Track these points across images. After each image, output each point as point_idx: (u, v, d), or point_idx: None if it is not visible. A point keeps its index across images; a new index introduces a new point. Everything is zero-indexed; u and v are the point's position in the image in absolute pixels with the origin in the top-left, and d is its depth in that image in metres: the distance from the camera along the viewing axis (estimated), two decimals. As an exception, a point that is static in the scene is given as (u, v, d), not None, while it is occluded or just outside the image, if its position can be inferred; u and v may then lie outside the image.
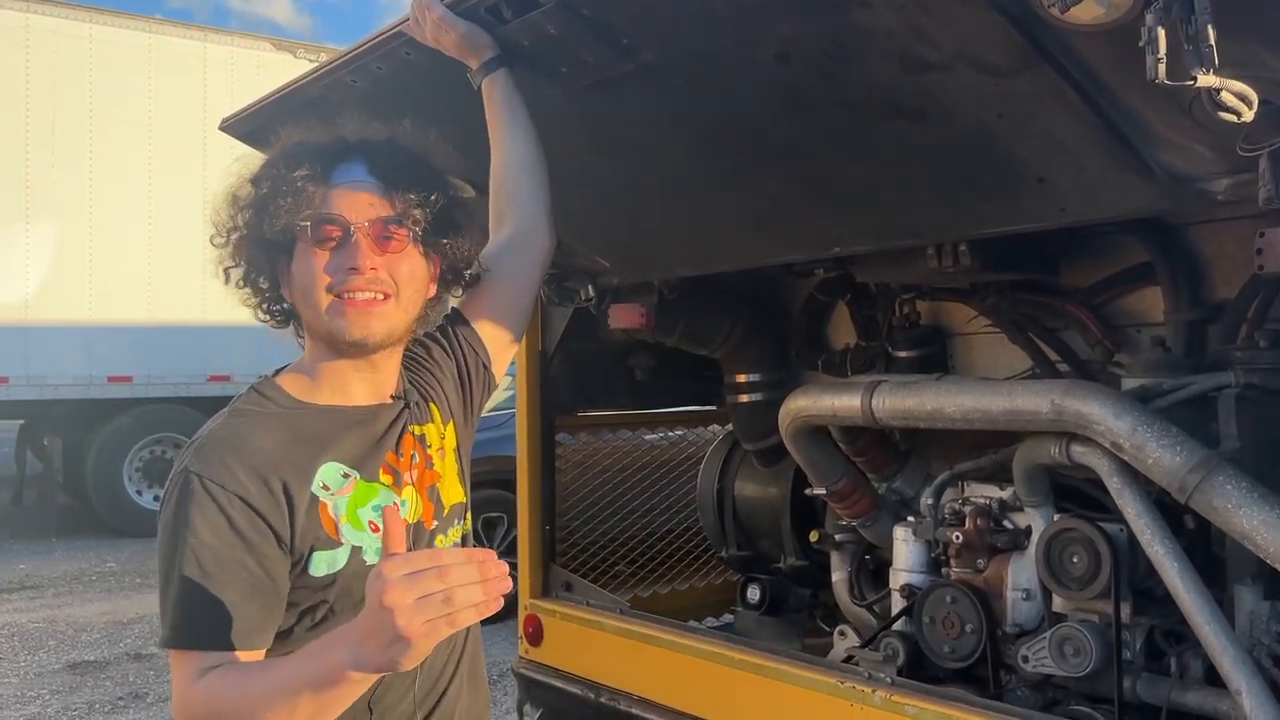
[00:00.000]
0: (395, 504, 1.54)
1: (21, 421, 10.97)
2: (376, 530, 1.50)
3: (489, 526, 6.67)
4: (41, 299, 9.63)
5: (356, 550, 1.48)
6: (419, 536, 1.58)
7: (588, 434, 3.73)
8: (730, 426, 3.63)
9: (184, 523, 1.38)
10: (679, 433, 4.13)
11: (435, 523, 1.61)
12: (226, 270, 1.58)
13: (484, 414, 6.54)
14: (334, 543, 1.47)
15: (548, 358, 3.39)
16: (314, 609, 1.47)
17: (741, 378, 3.39)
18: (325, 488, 1.48)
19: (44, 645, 6.51)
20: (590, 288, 3.01)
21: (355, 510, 1.50)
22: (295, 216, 1.49)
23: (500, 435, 6.60)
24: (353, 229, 1.49)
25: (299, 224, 1.49)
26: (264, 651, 1.42)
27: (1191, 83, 1.25)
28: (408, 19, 2.03)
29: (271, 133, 1.65)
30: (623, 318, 3.10)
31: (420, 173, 1.58)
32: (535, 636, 3.27)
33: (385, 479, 1.55)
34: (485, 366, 1.81)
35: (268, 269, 1.56)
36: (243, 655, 1.38)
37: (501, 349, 1.84)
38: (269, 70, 10.03)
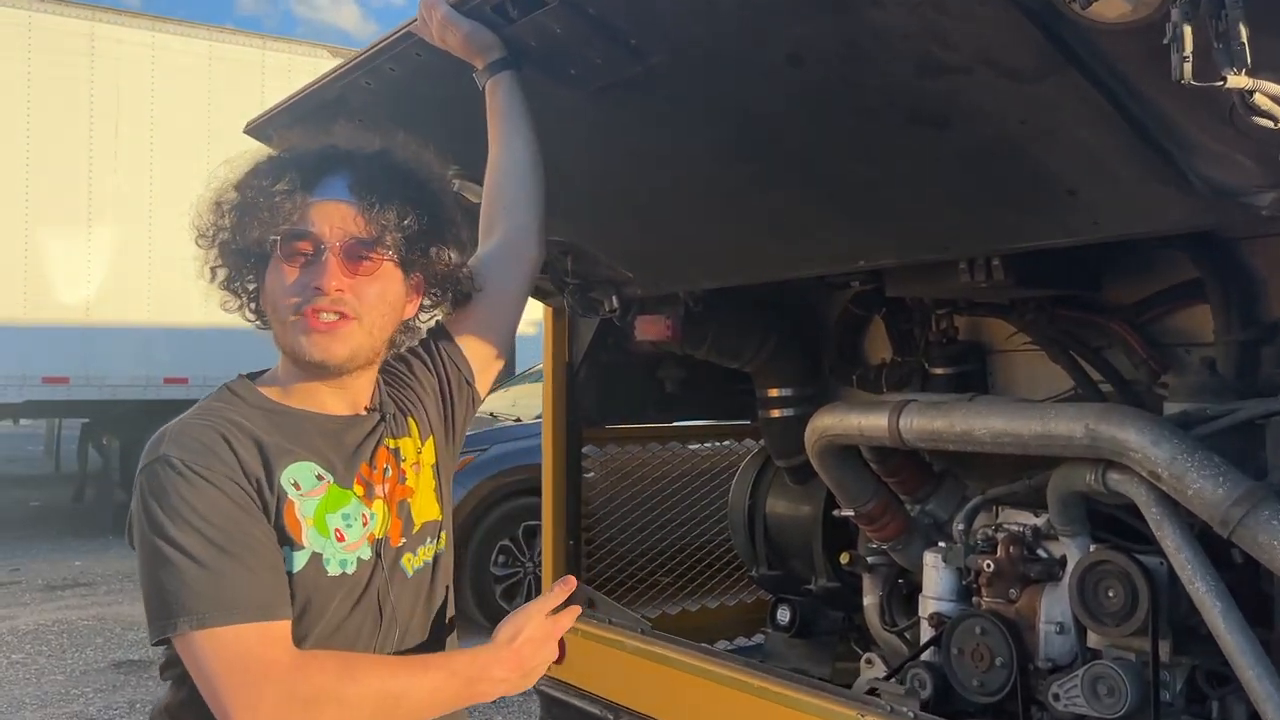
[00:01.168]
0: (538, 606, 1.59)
1: (85, 420, 11.22)
2: (342, 539, 1.46)
3: (530, 535, 6.63)
4: (102, 301, 9.84)
5: (316, 556, 1.44)
6: (384, 552, 1.52)
7: (616, 446, 3.66)
8: (763, 442, 3.53)
9: (182, 506, 1.34)
10: (711, 444, 4.04)
11: (403, 539, 1.56)
12: (213, 270, 1.55)
13: (528, 422, 6.49)
14: (296, 544, 1.42)
15: (574, 369, 3.32)
16: None
17: (774, 392, 3.29)
18: (295, 485, 1.44)
19: (91, 643, 6.61)
20: (614, 298, 2.93)
21: (324, 515, 1.45)
22: (269, 230, 1.45)
23: (538, 444, 6.60)
24: (324, 247, 1.45)
25: (271, 238, 1.45)
26: (289, 622, 1.38)
27: (1221, 84, 1.14)
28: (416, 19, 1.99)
29: (298, 136, 1.63)
30: (648, 330, 3.02)
31: (407, 190, 1.52)
32: (558, 654, 3.20)
33: (358, 489, 1.51)
34: (468, 383, 1.75)
35: (252, 273, 1.54)
36: (283, 625, 1.36)
37: (485, 365, 1.78)
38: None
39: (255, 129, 2.75)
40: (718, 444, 4.02)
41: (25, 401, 9.78)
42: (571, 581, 1.52)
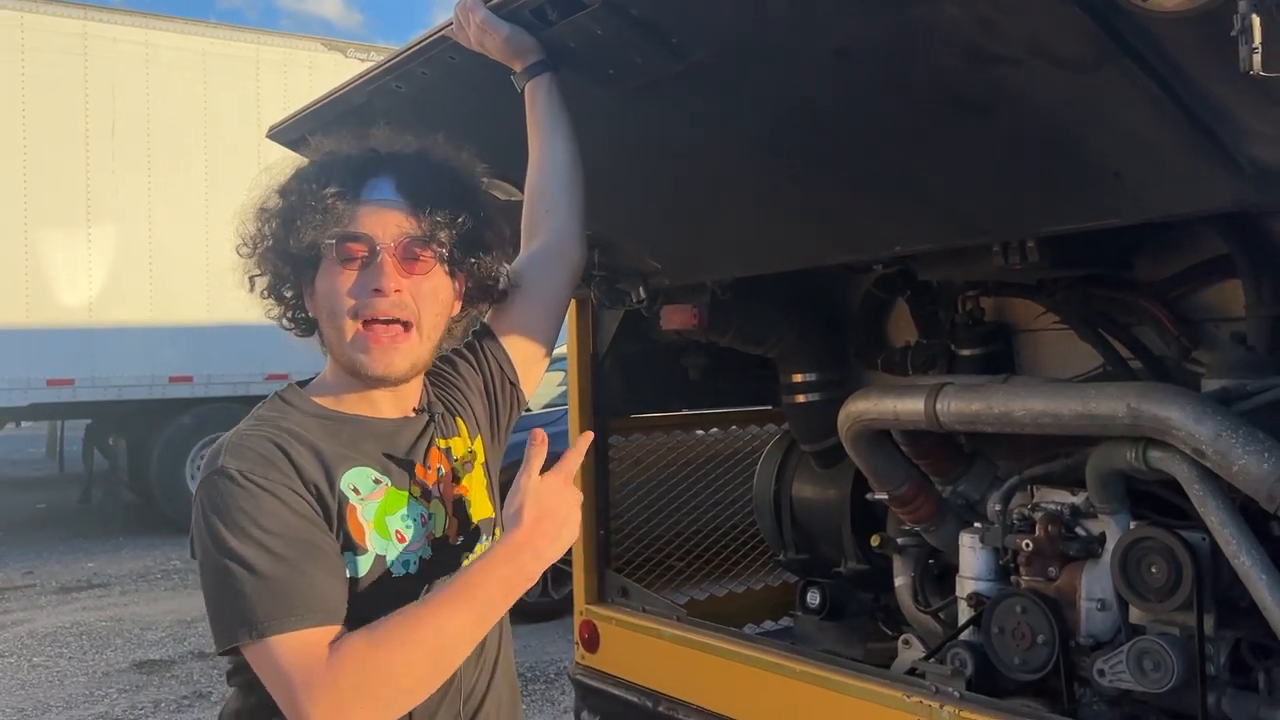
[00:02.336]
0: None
1: (88, 422, 11.21)
2: (403, 540, 1.48)
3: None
4: (104, 302, 9.82)
5: (380, 559, 1.46)
6: (443, 550, 1.54)
7: (641, 434, 3.67)
8: (786, 426, 3.55)
9: (241, 517, 1.36)
10: (735, 430, 4.05)
11: (461, 537, 1.58)
12: (251, 279, 1.57)
13: (538, 411, 6.55)
14: (360, 548, 1.44)
15: (599, 360, 3.34)
16: None
17: (798, 377, 3.31)
18: (355, 490, 1.46)
19: (111, 644, 6.63)
20: (642, 289, 2.95)
21: (384, 518, 1.48)
22: (322, 233, 1.46)
23: (552, 433, 6.59)
24: (379, 248, 1.47)
25: (325, 241, 1.46)
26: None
27: (1293, 74, 1.15)
28: (452, 23, 1.98)
29: (323, 140, 1.63)
30: (675, 319, 3.04)
31: (450, 191, 1.54)
32: (591, 643, 3.23)
33: (414, 490, 1.53)
34: (512, 384, 1.78)
35: (293, 280, 1.55)
36: (336, 630, 1.36)
37: (530, 366, 1.80)
38: (321, 70, 10.13)
39: (279, 133, 2.75)
40: (741, 430, 4.03)
41: (30, 404, 9.77)
42: (541, 434, 1.43)
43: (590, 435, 1.52)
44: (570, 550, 3.50)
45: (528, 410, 7.10)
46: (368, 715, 1.32)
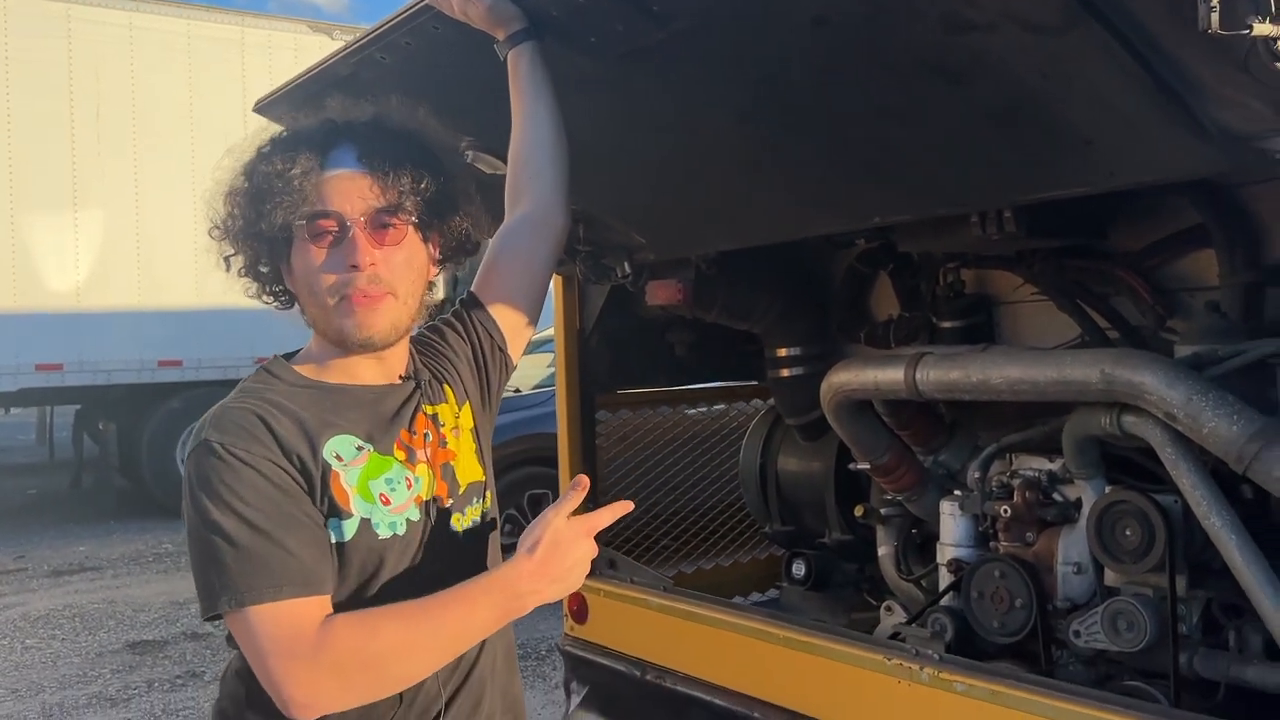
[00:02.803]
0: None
1: (77, 407, 11.21)
2: (388, 503, 1.51)
3: (534, 503, 6.71)
4: (92, 286, 9.80)
5: (365, 522, 1.49)
6: (433, 513, 1.57)
7: (629, 410, 3.71)
8: (772, 401, 3.59)
9: (222, 489, 1.39)
10: (721, 406, 4.09)
11: (451, 500, 1.61)
12: (226, 259, 1.59)
13: (527, 393, 6.57)
14: (345, 513, 1.48)
15: (586, 336, 3.36)
16: None
17: (782, 352, 3.34)
18: (338, 458, 1.49)
19: (104, 625, 6.67)
20: (627, 264, 2.97)
21: (367, 482, 1.51)
22: (292, 214, 1.48)
23: (541, 413, 6.65)
24: (349, 224, 1.49)
25: (296, 222, 1.49)
26: (330, 598, 1.43)
27: (1247, 31, 1.18)
28: (435, -9, 2.00)
29: (311, 113, 1.65)
30: (660, 294, 3.06)
31: (410, 154, 1.56)
32: (580, 614, 3.27)
33: (399, 454, 1.56)
34: (501, 350, 1.81)
35: (268, 257, 1.57)
36: (319, 600, 1.41)
37: (517, 332, 1.84)
38: (306, 53, 10.09)
39: (266, 107, 2.76)
40: (728, 408, 4.07)
41: (19, 390, 9.76)
42: (584, 481, 1.49)
43: (587, 481, 1.52)
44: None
45: (517, 391, 7.15)
46: (341, 695, 1.38)
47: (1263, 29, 1.19)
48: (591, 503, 3.40)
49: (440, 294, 1.78)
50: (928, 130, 1.92)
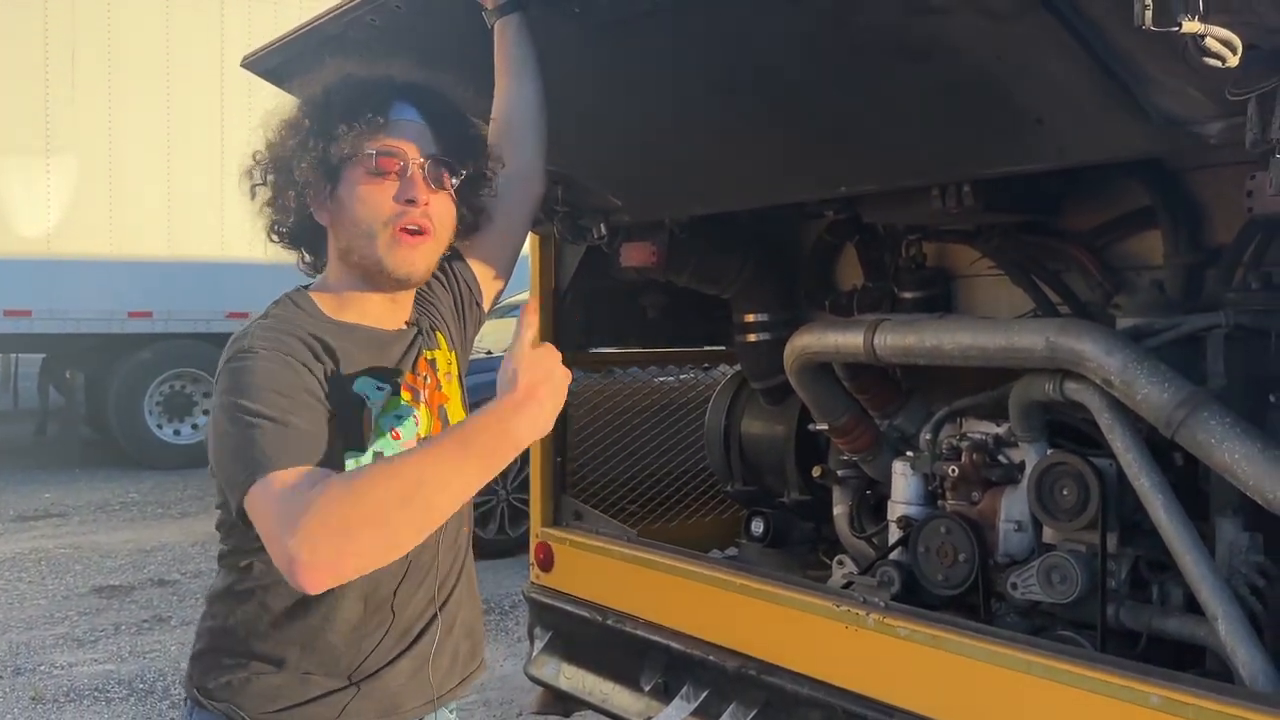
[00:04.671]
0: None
1: (43, 356, 11.15)
2: (398, 438, 1.61)
3: (502, 463, 6.81)
4: (63, 233, 9.74)
5: (379, 455, 1.59)
6: None
7: (599, 373, 3.82)
8: (739, 366, 3.71)
9: (261, 378, 1.46)
10: (689, 374, 4.22)
11: None
12: (254, 188, 1.68)
13: (498, 354, 6.64)
14: (363, 447, 1.58)
15: (561, 295, 3.46)
16: None
17: (750, 317, 3.46)
18: (367, 396, 1.60)
19: (70, 570, 6.71)
20: (603, 226, 3.07)
21: (381, 418, 1.61)
22: (360, 143, 1.58)
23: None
24: (410, 163, 1.60)
25: (365, 152, 1.58)
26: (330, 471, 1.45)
27: (1176, 29, 1.30)
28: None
29: (295, 69, 1.74)
30: (634, 256, 3.17)
31: (462, 125, 1.70)
32: (546, 563, 3.39)
33: (405, 395, 1.67)
34: (477, 303, 1.93)
35: (312, 184, 1.62)
36: (319, 471, 1.41)
37: (490, 286, 1.96)
38: (285, 8, 10.00)
39: (253, 63, 2.82)
40: (697, 378, 4.19)
41: (-13, 334, 9.72)
42: (534, 306, 1.47)
43: (536, 306, 1.51)
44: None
45: (489, 353, 7.20)
46: (339, 554, 1.32)
47: (1191, 26, 1.31)
48: (562, 457, 3.52)
49: None
50: (891, 105, 2.04)
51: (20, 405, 12.83)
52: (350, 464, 1.55)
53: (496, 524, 6.82)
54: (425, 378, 1.72)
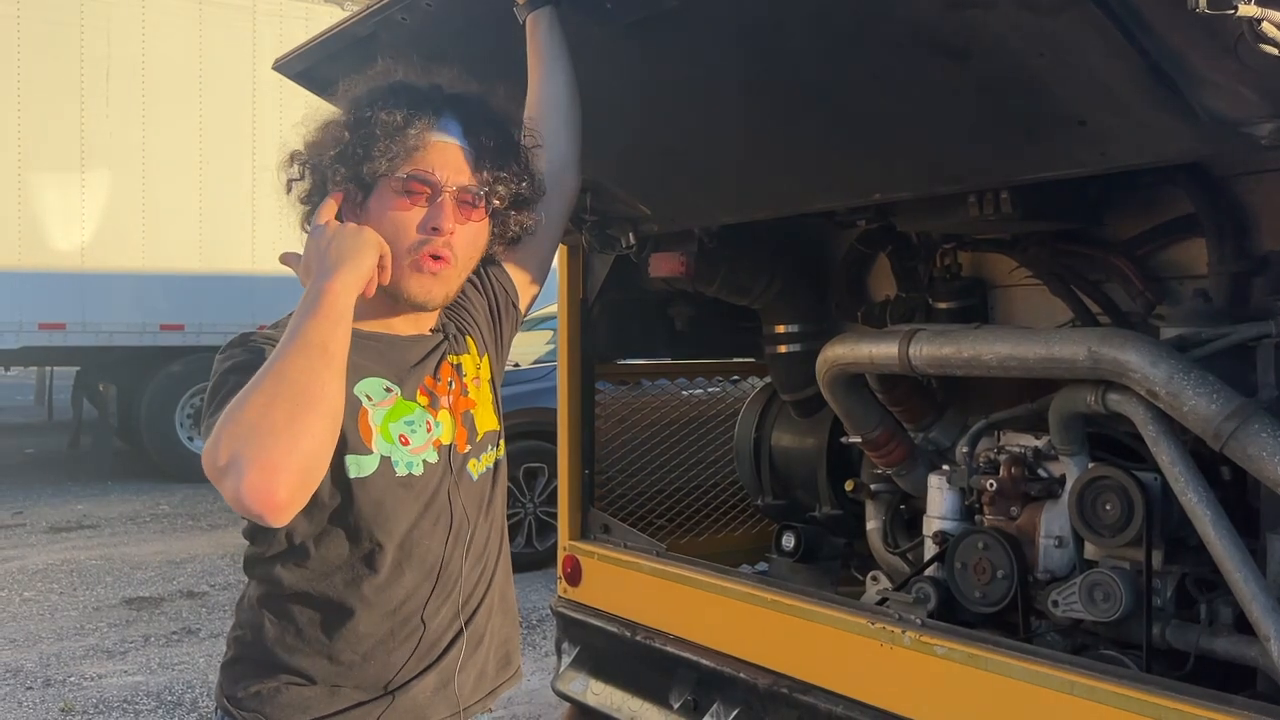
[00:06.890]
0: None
1: (77, 369, 11.27)
2: (406, 444, 1.58)
3: (530, 476, 6.79)
4: (97, 247, 9.84)
5: (386, 460, 1.56)
6: (452, 458, 1.64)
7: (627, 385, 3.78)
8: (769, 378, 3.66)
9: (223, 365, 1.49)
10: (717, 387, 4.17)
11: (469, 446, 1.68)
12: (290, 183, 1.66)
13: (526, 367, 6.64)
14: (366, 449, 1.54)
15: (589, 305, 3.42)
16: (341, 512, 1.53)
17: (781, 328, 3.41)
18: (368, 397, 1.56)
19: (101, 581, 6.74)
20: (631, 235, 3.03)
21: (389, 424, 1.58)
22: (394, 163, 1.56)
23: (539, 388, 6.73)
24: (443, 190, 1.57)
25: (397, 175, 1.56)
26: None
27: (1233, 12, 1.24)
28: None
29: (327, 72, 1.71)
30: (663, 266, 3.13)
31: (506, 146, 1.65)
32: (574, 577, 3.34)
33: (421, 400, 1.63)
34: (514, 304, 1.88)
35: (344, 190, 1.61)
36: None
37: (527, 287, 1.91)
38: (316, 21, 10.08)
39: (285, 65, 2.81)
40: (726, 391, 4.14)
41: (21, 348, 9.82)
42: (337, 196, 1.57)
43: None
44: (555, 497, 3.62)
45: (516, 366, 7.19)
46: (263, 475, 1.30)
47: (1247, 10, 1.25)
48: (590, 469, 3.48)
49: None
50: (927, 107, 1.98)
51: (54, 418, 12.96)
52: (351, 467, 1.52)
53: (524, 537, 6.79)
54: (450, 383, 1.68)
